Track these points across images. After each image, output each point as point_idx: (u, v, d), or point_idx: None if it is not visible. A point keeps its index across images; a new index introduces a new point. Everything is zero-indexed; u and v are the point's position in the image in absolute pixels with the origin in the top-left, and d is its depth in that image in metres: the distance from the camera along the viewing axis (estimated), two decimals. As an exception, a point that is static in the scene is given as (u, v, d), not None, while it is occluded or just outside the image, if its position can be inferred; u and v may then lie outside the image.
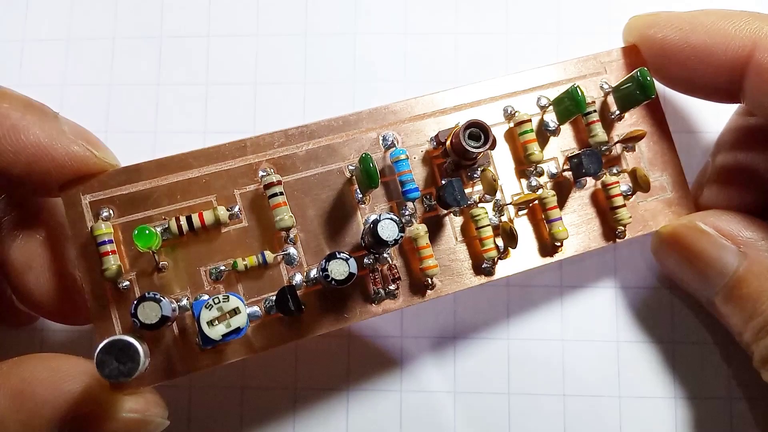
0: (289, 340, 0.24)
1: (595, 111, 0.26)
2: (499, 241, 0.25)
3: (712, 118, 0.31)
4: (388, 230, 0.22)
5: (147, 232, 0.22)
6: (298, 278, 0.24)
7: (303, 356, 0.30)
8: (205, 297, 0.23)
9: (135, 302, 0.21)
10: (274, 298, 0.23)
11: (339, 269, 0.22)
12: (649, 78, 0.25)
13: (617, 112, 0.27)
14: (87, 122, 0.29)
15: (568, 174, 0.26)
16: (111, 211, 0.23)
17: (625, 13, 0.28)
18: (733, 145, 0.28)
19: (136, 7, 0.33)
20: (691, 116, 0.31)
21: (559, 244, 0.26)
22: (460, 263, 0.25)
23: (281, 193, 0.23)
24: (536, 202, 0.26)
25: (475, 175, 0.25)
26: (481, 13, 0.32)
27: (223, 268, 0.24)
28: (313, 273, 0.24)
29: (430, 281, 0.25)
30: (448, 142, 0.25)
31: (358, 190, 0.25)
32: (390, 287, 0.24)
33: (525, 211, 0.26)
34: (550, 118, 0.26)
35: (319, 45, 0.32)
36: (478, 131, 0.24)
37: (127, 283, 0.23)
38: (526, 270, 0.26)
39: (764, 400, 0.29)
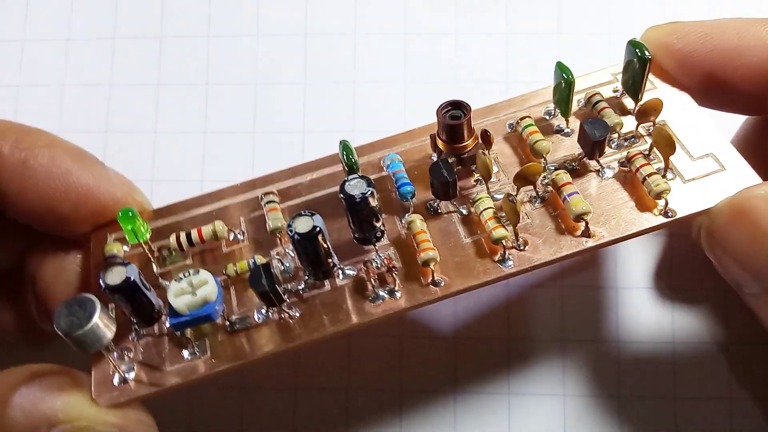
0: (281, 347, 0.22)
1: (602, 100, 0.25)
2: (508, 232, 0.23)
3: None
4: (357, 188, 0.21)
5: (130, 214, 0.22)
6: (301, 286, 0.23)
7: (304, 356, 0.30)
8: None
9: (103, 268, 0.21)
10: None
11: (304, 223, 0.21)
12: (642, 45, 0.24)
13: (632, 105, 0.25)
14: (86, 122, 0.29)
15: (591, 165, 0.24)
16: (129, 247, 0.25)
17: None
18: None
19: (136, 7, 0.33)
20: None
21: (580, 224, 0.23)
22: (470, 260, 0.23)
23: (275, 201, 0.25)
24: (543, 194, 0.24)
25: (473, 168, 0.25)
26: (482, 16, 0.32)
27: (224, 277, 0.24)
28: (307, 278, 0.23)
29: (432, 276, 0.23)
30: (436, 135, 0.25)
31: None
32: (386, 287, 0.23)
33: (539, 204, 0.24)
34: (559, 122, 0.26)
35: (319, 45, 0.32)
36: (458, 111, 0.23)
37: None
38: (548, 261, 0.23)
39: (764, 401, 0.29)
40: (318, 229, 0.20)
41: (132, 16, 0.33)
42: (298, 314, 0.23)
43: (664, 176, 0.23)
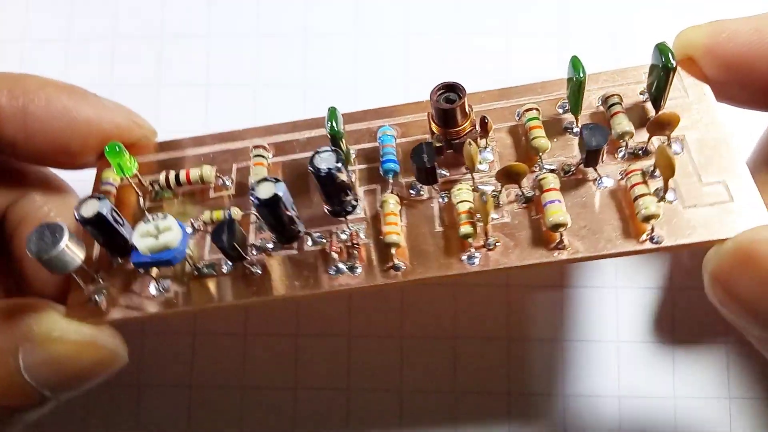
0: (242, 297, 0.23)
1: (619, 103, 0.23)
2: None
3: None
4: (325, 161, 0.21)
5: (117, 149, 0.23)
6: (270, 246, 0.23)
7: (302, 356, 0.30)
8: None
9: (81, 199, 0.22)
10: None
11: (266, 188, 0.21)
12: (668, 50, 0.22)
13: (653, 114, 0.23)
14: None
15: (590, 172, 0.23)
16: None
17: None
18: None
19: (136, 7, 0.33)
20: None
21: (557, 234, 0.22)
22: (437, 250, 0.22)
23: (264, 156, 0.25)
24: (530, 195, 0.23)
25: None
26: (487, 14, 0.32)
27: (200, 223, 0.24)
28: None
29: (393, 258, 0.22)
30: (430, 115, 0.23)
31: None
32: (348, 261, 0.23)
33: (524, 204, 0.23)
34: (572, 118, 0.24)
35: (319, 45, 0.32)
36: (454, 95, 0.22)
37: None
38: (512, 267, 0.22)
39: (764, 400, 0.29)
40: (278, 196, 0.20)
41: (132, 16, 0.33)
42: (259, 272, 0.23)
43: (663, 197, 0.22)
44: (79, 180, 0.27)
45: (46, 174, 0.27)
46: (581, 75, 0.22)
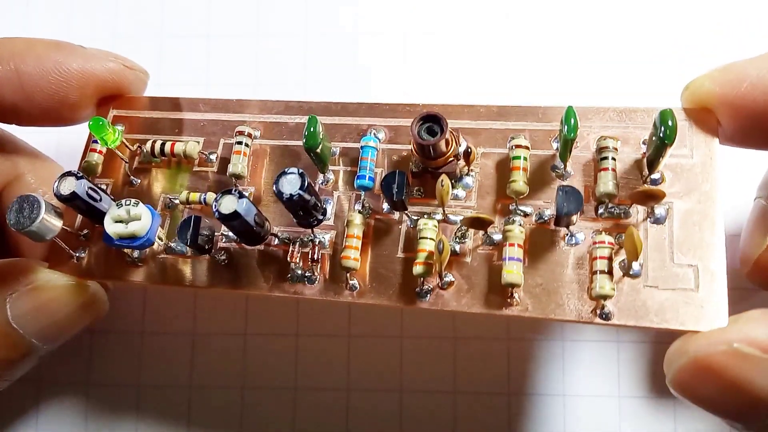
0: (192, 285, 0.24)
1: (613, 158, 0.22)
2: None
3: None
4: (289, 185, 0.21)
5: (100, 123, 0.23)
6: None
7: (302, 356, 0.30)
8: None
9: (60, 175, 0.22)
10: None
11: (227, 203, 0.21)
12: (670, 122, 0.20)
13: (647, 174, 0.22)
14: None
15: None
16: (123, 127, 0.26)
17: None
18: None
19: (136, 7, 0.33)
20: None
21: (510, 293, 0.21)
22: (394, 277, 0.23)
23: (246, 145, 0.25)
24: (497, 240, 0.22)
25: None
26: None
27: (177, 201, 0.25)
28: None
29: (348, 279, 0.23)
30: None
31: (322, 175, 0.24)
32: (307, 271, 0.23)
33: (490, 245, 0.22)
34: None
35: (319, 45, 0.32)
36: (435, 126, 0.21)
37: (103, 186, 0.25)
38: (459, 311, 0.22)
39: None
40: (237, 213, 0.21)
41: (132, 16, 0.33)
42: (225, 261, 0.24)
43: (627, 272, 0.21)
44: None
45: (34, 151, 0.28)
46: (571, 134, 0.21)
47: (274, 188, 0.21)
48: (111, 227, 0.22)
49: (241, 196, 0.21)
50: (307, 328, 0.30)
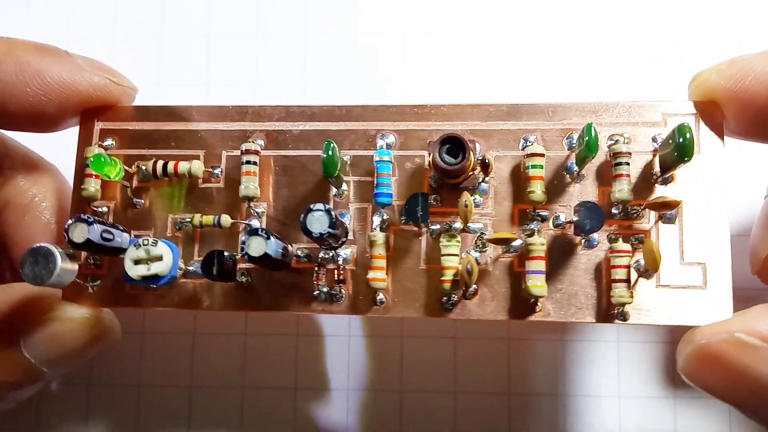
0: (212, 308, 0.24)
1: (627, 163, 0.22)
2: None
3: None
4: (318, 223, 0.21)
5: (102, 159, 0.23)
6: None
7: (302, 356, 0.30)
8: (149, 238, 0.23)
9: (70, 220, 0.22)
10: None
11: (256, 246, 0.21)
12: (688, 136, 0.20)
13: (658, 173, 0.22)
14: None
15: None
16: (114, 141, 0.25)
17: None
18: None
19: (136, 7, 0.33)
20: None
21: (533, 301, 0.22)
22: (419, 289, 0.23)
23: (255, 163, 0.23)
24: (517, 246, 0.22)
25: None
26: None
27: (188, 220, 0.24)
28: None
29: (377, 295, 0.23)
30: (429, 156, 0.23)
31: (336, 188, 0.24)
32: (333, 289, 0.23)
33: (511, 253, 0.23)
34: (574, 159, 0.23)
35: (319, 45, 0.32)
36: (456, 148, 0.21)
37: (105, 209, 0.24)
38: (487, 320, 0.23)
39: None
40: (267, 254, 0.21)
41: (132, 16, 0.33)
42: (248, 282, 0.23)
43: (642, 274, 0.22)
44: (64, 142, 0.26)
45: (28, 154, 0.27)
46: (591, 152, 0.21)
47: (301, 225, 0.21)
48: (133, 270, 0.22)
49: (268, 236, 0.21)
50: (308, 329, 0.30)
